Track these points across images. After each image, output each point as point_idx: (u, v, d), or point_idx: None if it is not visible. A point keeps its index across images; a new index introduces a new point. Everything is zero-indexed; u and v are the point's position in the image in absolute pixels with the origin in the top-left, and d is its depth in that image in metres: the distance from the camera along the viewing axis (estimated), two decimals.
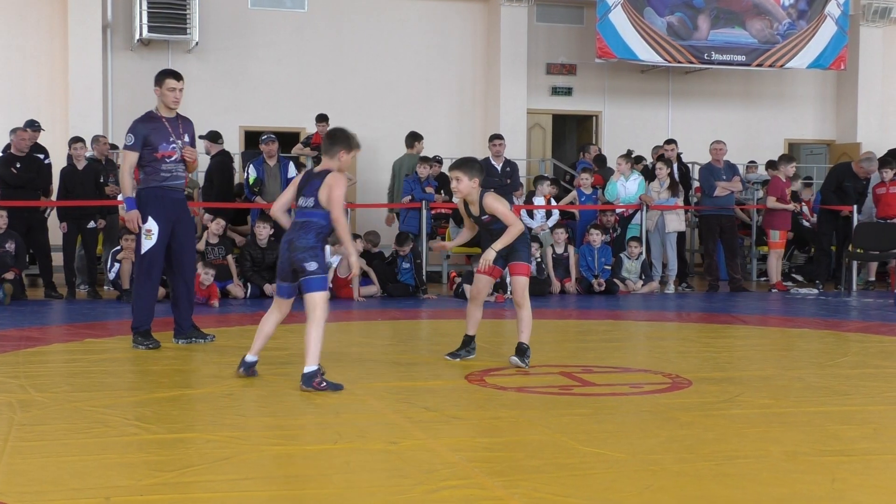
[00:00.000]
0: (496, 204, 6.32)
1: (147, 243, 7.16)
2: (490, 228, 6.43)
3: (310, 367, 5.43)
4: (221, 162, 12.66)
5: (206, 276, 10.66)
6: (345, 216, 5.66)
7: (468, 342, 6.63)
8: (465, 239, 6.84)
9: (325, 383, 5.42)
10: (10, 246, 11.02)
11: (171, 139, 7.25)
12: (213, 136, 12.95)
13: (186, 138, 7.38)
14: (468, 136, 17.21)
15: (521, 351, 6.34)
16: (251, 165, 12.54)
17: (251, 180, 12.42)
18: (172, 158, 7.24)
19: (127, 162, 7.22)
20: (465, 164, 6.42)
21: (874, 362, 6.83)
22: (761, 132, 18.38)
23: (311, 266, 5.56)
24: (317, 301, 5.54)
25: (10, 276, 10.83)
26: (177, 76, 7.39)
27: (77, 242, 11.91)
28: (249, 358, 5.92)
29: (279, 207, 5.95)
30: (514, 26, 16.95)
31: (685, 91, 18.41)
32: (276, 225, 12.13)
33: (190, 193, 13.68)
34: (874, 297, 12.33)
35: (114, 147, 13.21)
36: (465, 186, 6.32)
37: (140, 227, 7.14)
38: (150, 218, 7.13)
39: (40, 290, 11.83)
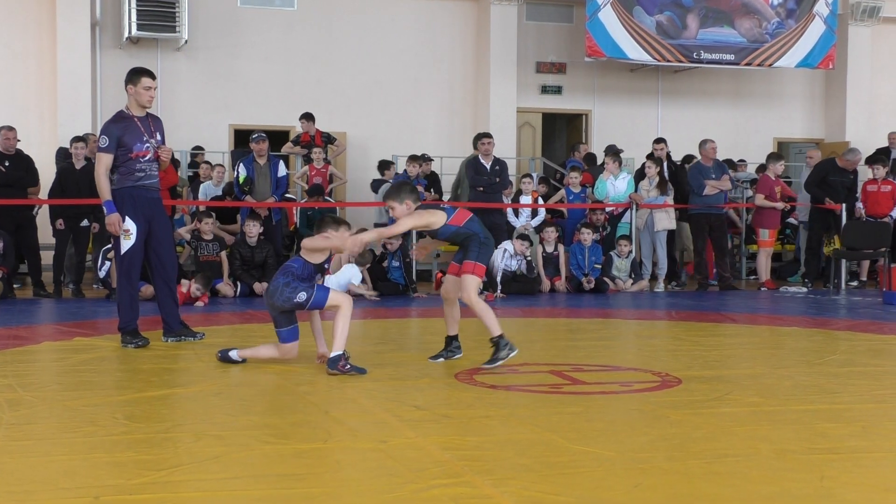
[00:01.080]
0: (408, 220, 6.24)
1: (126, 244, 7.18)
2: (454, 241, 6.42)
3: (336, 352, 5.92)
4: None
5: (195, 290, 10.64)
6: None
7: (450, 342, 6.62)
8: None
9: (349, 366, 5.89)
10: None
11: (145, 138, 7.20)
12: None
13: (158, 136, 7.33)
14: (458, 135, 17.23)
15: (496, 344, 6.26)
16: (241, 164, 12.52)
17: (241, 179, 12.39)
18: (146, 158, 7.20)
19: (102, 164, 7.11)
20: (391, 192, 6.33)
21: (863, 360, 6.85)
22: (750, 131, 18.44)
23: (301, 297, 6.02)
24: (339, 300, 6.09)
25: None
26: (152, 75, 7.34)
27: (69, 241, 11.90)
28: (233, 354, 6.33)
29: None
30: (503, 25, 16.96)
31: (674, 90, 18.45)
32: (266, 223, 12.17)
33: (179, 192, 13.69)
34: (863, 296, 12.37)
35: None
36: (400, 212, 6.21)
37: (119, 230, 7.13)
38: (127, 218, 7.13)
39: (28, 289, 11.80)
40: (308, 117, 14.37)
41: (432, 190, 13.99)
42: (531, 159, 17.55)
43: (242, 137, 15.66)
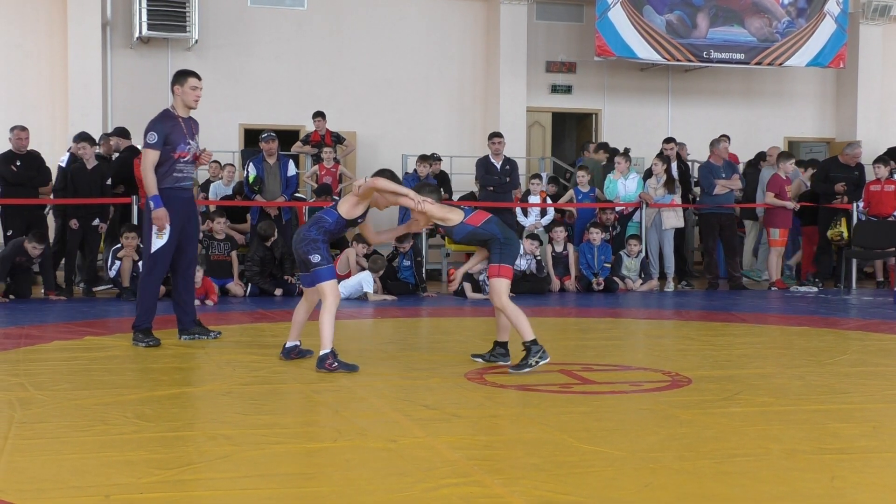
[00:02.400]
0: (432, 207, 6.29)
1: (158, 242, 7.20)
2: (471, 242, 6.50)
3: (323, 350, 5.94)
4: (128, 158, 12.43)
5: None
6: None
7: (496, 346, 6.50)
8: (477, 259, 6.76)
9: (336, 363, 5.89)
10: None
11: (187, 140, 7.29)
12: (121, 132, 12.86)
13: (198, 139, 7.45)
14: (468, 134, 17.23)
15: (527, 350, 6.15)
16: (251, 164, 12.53)
17: (251, 178, 12.41)
18: (186, 159, 7.29)
19: (149, 159, 7.17)
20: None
21: (874, 360, 6.83)
22: (761, 130, 18.38)
23: (315, 258, 6.05)
24: (325, 291, 6.07)
25: None
26: (198, 76, 7.44)
27: (80, 240, 11.93)
28: (288, 344, 6.44)
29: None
30: (513, 24, 16.95)
31: (685, 89, 18.41)
32: (277, 222, 12.19)
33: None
34: (874, 296, 12.33)
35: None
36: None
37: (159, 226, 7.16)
38: None
39: (39, 287, 11.83)
40: (320, 115, 14.39)
41: (442, 189, 13.98)
42: (541, 159, 17.54)
43: (253, 137, 15.68)
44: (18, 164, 11.65)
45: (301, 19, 16.62)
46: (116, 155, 12.74)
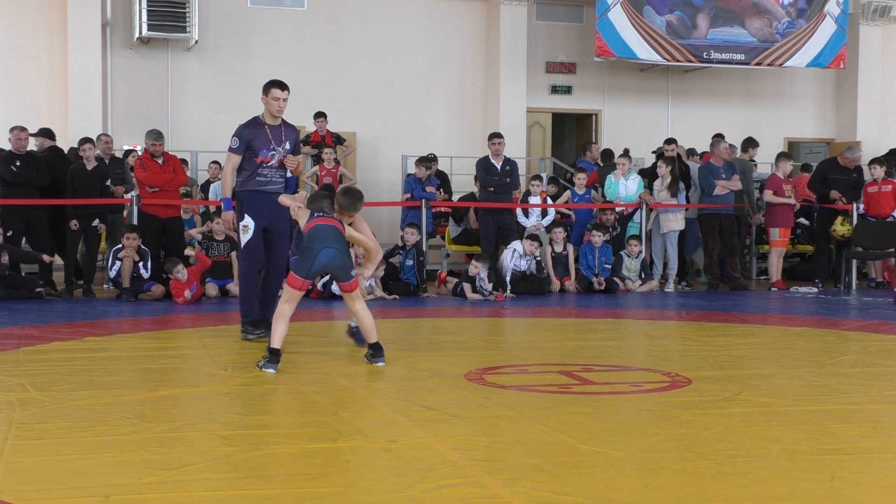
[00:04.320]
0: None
1: (244, 238, 7.57)
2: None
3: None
4: (50, 158, 12.38)
5: (180, 273, 10.81)
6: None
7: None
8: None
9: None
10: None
11: (272, 146, 7.56)
12: (46, 133, 12.77)
13: (288, 146, 7.67)
14: (468, 135, 17.23)
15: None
16: None
17: None
18: (270, 164, 7.56)
19: (230, 164, 7.60)
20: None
21: (873, 361, 6.83)
22: (761, 131, 18.36)
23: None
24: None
25: None
26: (282, 86, 7.72)
27: (80, 241, 11.94)
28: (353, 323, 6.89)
29: None
30: (513, 25, 16.96)
31: (684, 90, 18.42)
32: None
33: (188, 192, 13.70)
34: (874, 296, 12.33)
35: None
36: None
37: (238, 226, 7.60)
38: (245, 215, 7.52)
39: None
40: (321, 115, 14.39)
41: (441, 190, 13.98)
42: (541, 159, 17.54)
43: None
44: (18, 164, 11.65)
45: (301, 20, 16.62)
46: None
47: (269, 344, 6.12)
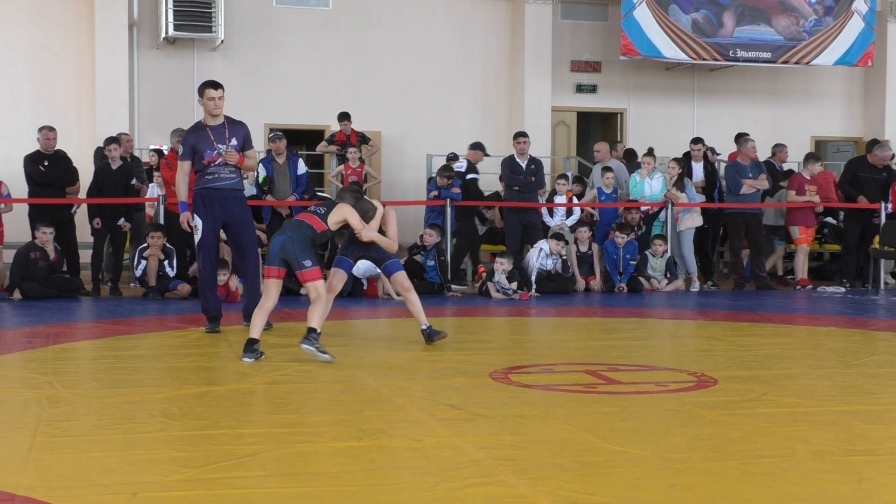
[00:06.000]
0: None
1: (196, 236, 8.05)
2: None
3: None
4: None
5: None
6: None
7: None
8: None
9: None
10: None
11: (214, 146, 7.96)
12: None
13: (234, 142, 8.04)
14: (492, 134, 17.20)
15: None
16: (260, 164, 12.52)
17: (260, 179, 12.42)
18: (216, 163, 7.96)
19: (181, 170, 8.18)
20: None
21: None
22: (787, 130, 18.26)
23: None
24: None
25: None
26: (215, 86, 8.11)
27: (106, 240, 12.04)
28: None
29: None
30: (538, 24, 16.93)
31: (710, 88, 18.33)
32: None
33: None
34: None
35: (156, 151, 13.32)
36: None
37: (191, 226, 8.06)
38: (195, 216, 7.99)
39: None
40: (345, 117, 14.41)
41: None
42: (566, 158, 17.50)
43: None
44: (46, 164, 11.75)
45: (326, 19, 16.65)
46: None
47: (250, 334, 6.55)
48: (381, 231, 7.22)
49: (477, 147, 14.32)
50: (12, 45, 15.43)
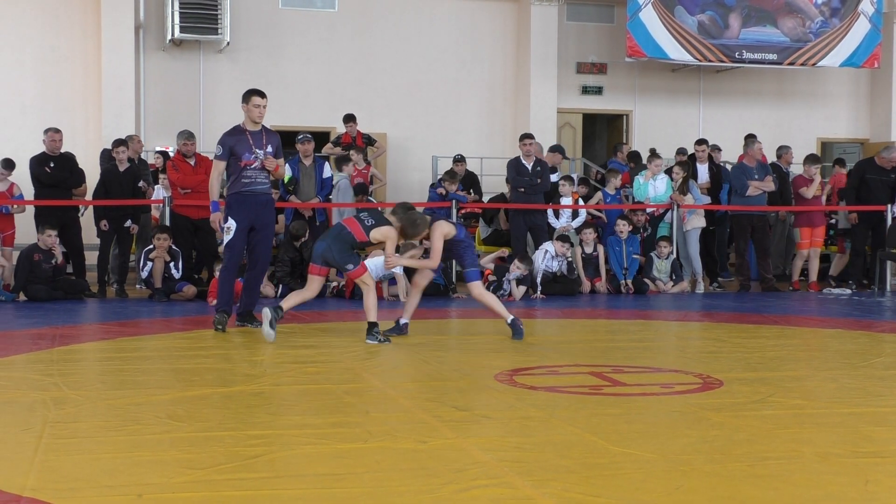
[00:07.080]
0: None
1: (227, 237, 8.24)
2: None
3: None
4: None
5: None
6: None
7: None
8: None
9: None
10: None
11: (253, 150, 8.18)
12: None
13: (270, 149, 8.28)
14: (498, 136, 17.22)
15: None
16: (287, 164, 12.55)
17: (286, 179, 12.43)
18: (253, 167, 8.18)
19: (216, 170, 8.35)
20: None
21: None
22: (793, 131, 18.24)
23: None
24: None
25: None
26: (261, 94, 8.33)
27: (112, 241, 12.05)
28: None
29: None
30: (544, 25, 16.93)
31: (716, 90, 18.32)
32: (311, 223, 12.22)
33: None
34: None
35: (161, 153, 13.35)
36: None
37: (221, 226, 8.29)
38: (230, 218, 8.17)
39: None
40: (351, 118, 14.42)
41: (472, 191, 13.97)
42: (571, 160, 17.50)
43: (284, 138, 15.63)
44: (52, 165, 11.77)
45: (332, 21, 16.67)
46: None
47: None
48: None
49: (556, 150, 14.36)
50: (19, 47, 15.48)
